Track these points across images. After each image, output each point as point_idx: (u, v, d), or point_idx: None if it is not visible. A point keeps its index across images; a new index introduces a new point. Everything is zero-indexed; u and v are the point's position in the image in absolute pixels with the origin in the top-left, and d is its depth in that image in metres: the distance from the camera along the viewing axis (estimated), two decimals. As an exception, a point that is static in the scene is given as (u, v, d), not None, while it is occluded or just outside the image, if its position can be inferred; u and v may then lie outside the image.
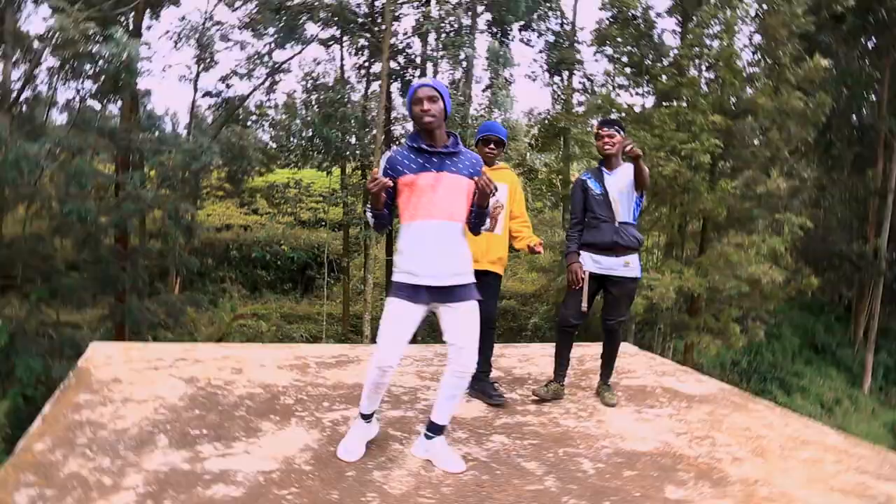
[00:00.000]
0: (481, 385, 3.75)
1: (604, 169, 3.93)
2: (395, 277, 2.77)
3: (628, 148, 3.58)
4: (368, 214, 2.84)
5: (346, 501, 2.44)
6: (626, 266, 3.85)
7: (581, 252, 3.89)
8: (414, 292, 2.71)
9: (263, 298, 20.28)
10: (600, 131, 3.89)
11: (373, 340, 13.02)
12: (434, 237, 2.72)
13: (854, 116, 20.72)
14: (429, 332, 17.36)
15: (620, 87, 15.95)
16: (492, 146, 3.77)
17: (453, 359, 2.78)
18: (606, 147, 3.86)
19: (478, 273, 3.47)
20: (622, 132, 3.93)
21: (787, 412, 4.23)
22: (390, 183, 2.69)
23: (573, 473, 2.91)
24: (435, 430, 2.88)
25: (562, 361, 3.96)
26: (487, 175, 2.73)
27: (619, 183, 3.85)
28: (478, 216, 2.85)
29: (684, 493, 2.81)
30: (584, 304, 3.84)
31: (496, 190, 2.81)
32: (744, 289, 12.14)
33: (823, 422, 4.53)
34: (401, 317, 2.72)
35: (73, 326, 11.56)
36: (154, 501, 2.26)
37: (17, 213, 12.66)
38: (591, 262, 3.85)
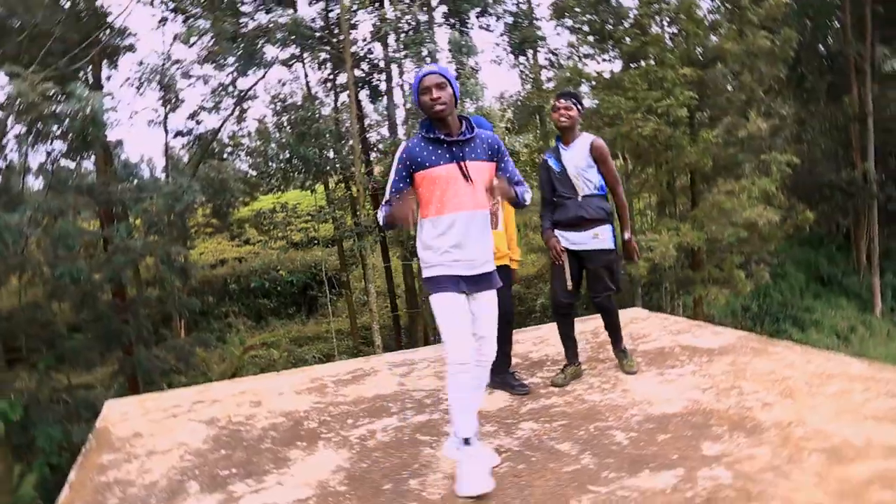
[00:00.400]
0: (503, 377, 3.73)
1: (560, 145, 3.87)
2: (433, 273, 2.67)
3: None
4: (381, 215, 2.72)
5: (388, 515, 2.41)
6: (596, 238, 3.79)
7: (556, 232, 3.86)
8: (455, 283, 2.64)
9: (270, 326, 20.23)
10: (557, 103, 3.82)
11: (385, 349, 12.98)
12: (466, 228, 2.64)
13: (821, 47, 20.74)
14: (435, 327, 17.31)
15: (586, 56, 15.93)
16: None
17: (477, 348, 2.71)
18: (562, 120, 3.78)
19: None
20: (580, 105, 3.87)
21: (808, 349, 4.23)
22: (413, 206, 2.59)
23: (608, 447, 2.89)
24: None
25: (569, 343, 3.94)
26: (501, 182, 2.69)
27: (576, 158, 3.80)
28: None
29: (721, 447, 2.79)
30: (569, 283, 3.80)
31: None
32: (742, 234, 12.15)
33: (842, 352, 4.53)
34: (456, 308, 2.63)
35: (86, 388, 11.50)
36: (195, 549, 2.23)
37: (10, 284, 12.57)
38: (564, 241, 3.82)
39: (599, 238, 3.80)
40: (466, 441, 2.62)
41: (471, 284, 2.69)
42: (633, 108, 12.07)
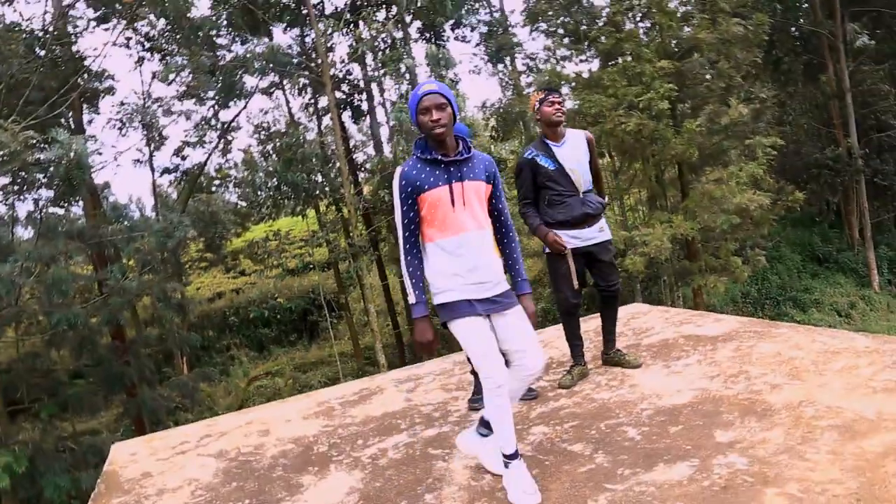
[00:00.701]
0: None
1: (550, 142, 3.76)
2: (446, 298, 2.59)
3: None
4: (405, 269, 2.67)
5: (405, 532, 2.38)
6: (602, 231, 3.83)
7: (556, 233, 3.75)
8: (470, 306, 2.57)
9: (273, 355, 20.13)
10: (550, 97, 3.72)
11: (389, 367, 12.90)
12: (471, 249, 2.57)
13: (794, 29, 20.97)
14: (442, 344, 17.28)
15: (564, 58, 16.05)
16: None
17: (520, 365, 2.63)
18: (558, 115, 3.71)
19: None
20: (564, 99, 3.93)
21: (811, 328, 4.23)
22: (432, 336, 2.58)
23: (621, 444, 2.87)
24: (490, 427, 2.74)
25: (576, 343, 3.92)
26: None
27: (573, 153, 3.75)
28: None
29: (734, 433, 2.78)
30: (575, 282, 3.76)
31: None
32: (734, 220, 12.18)
33: (845, 328, 4.53)
34: (478, 330, 2.56)
35: (92, 434, 11.41)
36: (213, 585, 2.19)
37: (6, 335, 12.48)
38: (569, 239, 3.75)
39: (604, 230, 3.84)
40: (513, 456, 2.60)
41: (489, 305, 2.61)
42: (615, 104, 12.14)
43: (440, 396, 4.06)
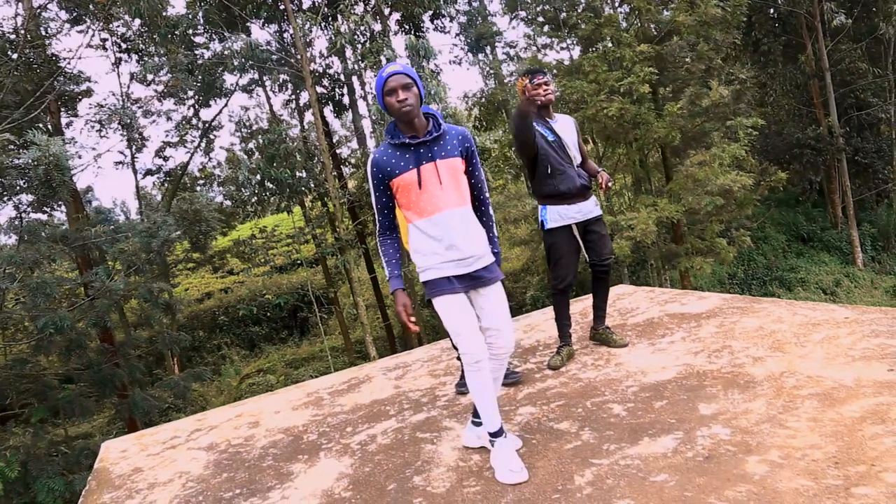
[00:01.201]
0: None
1: (546, 119, 3.85)
2: (428, 276, 2.63)
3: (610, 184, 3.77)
4: (382, 249, 2.74)
5: (395, 514, 2.41)
6: (597, 205, 3.91)
7: (556, 208, 3.79)
8: (450, 283, 2.61)
9: (264, 353, 20.10)
10: (535, 79, 3.74)
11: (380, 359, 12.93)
12: (447, 227, 2.59)
13: (772, 10, 21.08)
14: (429, 331, 17.31)
15: (545, 46, 16.05)
16: None
17: (492, 342, 2.69)
18: (549, 95, 3.76)
19: None
20: (552, 80, 3.97)
21: (792, 302, 4.29)
22: (413, 324, 2.59)
23: (606, 420, 2.91)
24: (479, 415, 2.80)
25: (565, 323, 3.95)
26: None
27: (566, 130, 3.86)
28: None
29: (717, 405, 2.83)
30: (584, 253, 3.86)
31: None
32: (718, 202, 12.28)
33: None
34: (458, 306, 2.59)
35: (84, 437, 11.35)
36: (205, 573, 2.21)
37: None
38: (574, 214, 3.78)
39: (597, 204, 3.91)
40: (497, 433, 2.64)
41: (468, 282, 2.65)
42: (596, 90, 12.17)
43: (428, 382, 4.08)
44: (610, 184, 3.81)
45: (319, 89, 16.27)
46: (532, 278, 20.20)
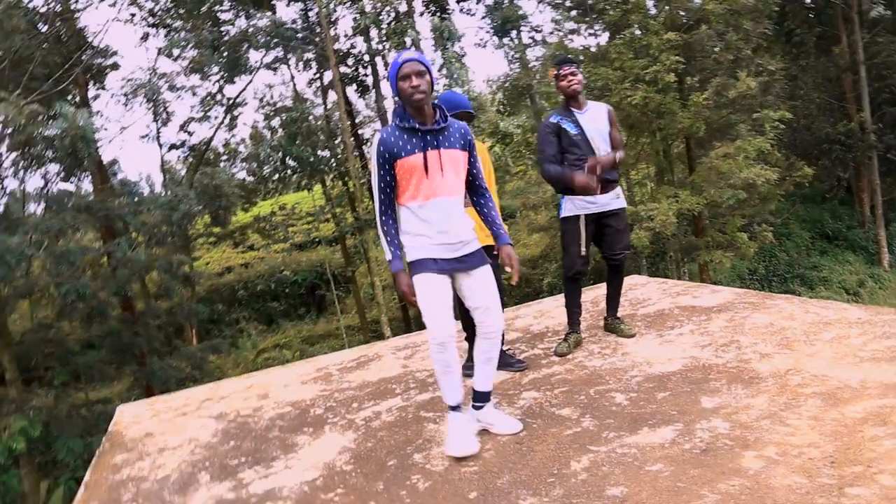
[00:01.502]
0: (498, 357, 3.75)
1: (574, 109, 3.85)
2: (411, 256, 2.75)
3: (618, 157, 3.75)
4: (381, 230, 2.80)
5: (392, 489, 2.47)
6: (618, 198, 3.90)
7: (571, 199, 3.83)
8: (434, 263, 2.71)
9: (281, 328, 20.38)
10: (561, 71, 3.80)
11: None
12: (439, 213, 2.69)
13: (807, 0, 20.53)
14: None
15: (572, 32, 15.83)
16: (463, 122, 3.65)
17: (480, 321, 2.78)
18: (574, 86, 3.78)
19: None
20: (580, 70, 3.92)
21: (806, 300, 4.25)
22: (413, 299, 2.68)
23: (608, 409, 2.93)
24: (481, 398, 2.88)
25: (575, 310, 3.98)
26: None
27: (595, 121, 3.81)
28: None
29: (720, 399, 2.84)
30: (584, 249, 3.84)
31: None
32: (741, 196, 12.10)
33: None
34: (434, 288, 2.69)
35: (104, 402, 11.65)
36: (208, 536, 2.29)
37: (22, 309, 12.72)
38: (586, 206, 3.82)
39: (620, 197, 3.90)
40: (453, 409, 2.77)
41: (455, 264, 2.74)
42: (621, 77, 12.01)
43: (436, 364, 4.14)
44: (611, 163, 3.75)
45: (343, 69, 16.27)
46: (550, 265, 20.13)
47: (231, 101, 17.78)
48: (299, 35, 15.21)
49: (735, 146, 12.29)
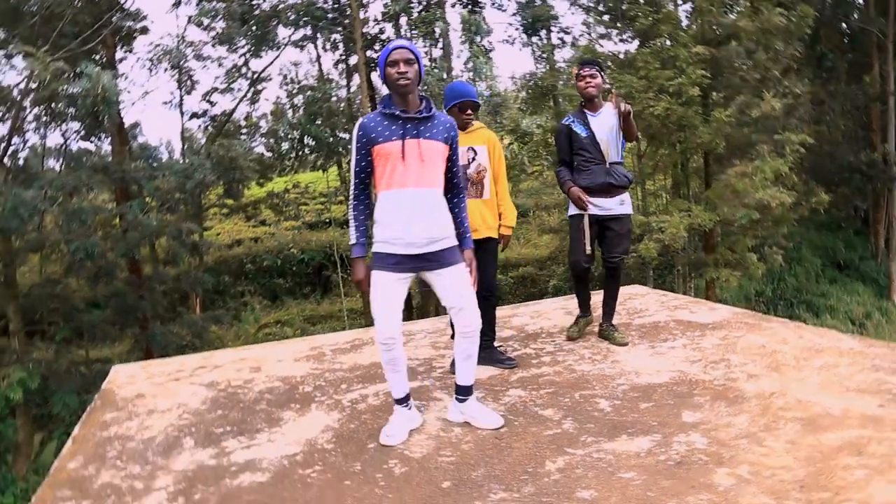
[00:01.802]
0: (488, 352, 3.75)
1: (587, 111, 3.93)
2: (375, 248, 2.75)
3: (623, 107, 3.69)
4: (352, 223, 2.84)
5: (369, 471, 2.52)
6: (622, 204, 3.94)
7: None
8: (394, 261, 2.69)
9: (285, 305, 20.51)
10: (581, 72, 3.87)
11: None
12: (409, 205, 2.67)
13: (844, 25, 20.24)
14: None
15: (602, 36, 15.73)
16: (469, 112, 3.62)
17: (456, 321, 2.80)
18: (589, 88, 3.85)
19: (479, 241, 3.53)
20: (602, 73, 3.94)
21: (801, 325, 4.26)
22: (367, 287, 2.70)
23: (590, 413, 2.97)
24: (462, 391, 2.92)
25: (584, 298, 4.19)
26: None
27: (606, 125, 3.87)
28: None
29: (701, 415, 2.86)
30: (588, 247, 3.93)
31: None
32: (754, 216, 12.01)
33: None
34: (386, 288, 2.70)
35: (103, 361, 11.82)
36: (185, 497, 2.36)
37: (32, 262, 12.91)
38: (591, 207, 3.88)
39: (625, 204, 3.95)
40: (398, 402, 2.86)
41: (419, 262, 2.72)
42: (645, 87, 11.94)
43: (428, 353, 4.19)
44: (622, 105, 3.74)
45: (369, 53, 16.28)
46: (557, 268, 20.11)
47: (256, 75, 17.86)
48: (329, 15, 15.24)
49: (753, 166, 12.19)
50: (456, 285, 2.76)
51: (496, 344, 3.93)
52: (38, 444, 9.75)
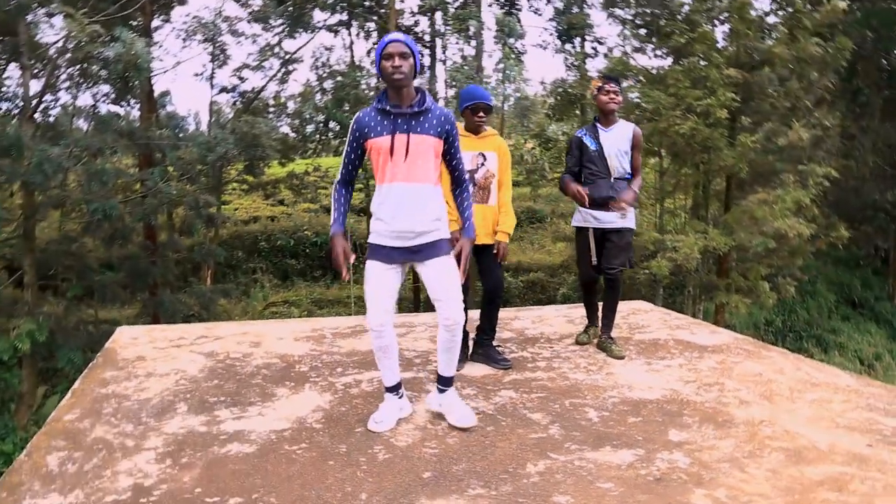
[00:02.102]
0: (485, 350, 3.80)
1: (599, 125, 4.00)
2: (370, 239, 2.82)
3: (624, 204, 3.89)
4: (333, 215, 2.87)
5: (354, 454, 2.57)
6: (623, 217, 3.97)
7: (580, 210, 4.03)
8: (386, 253, 2.76)
9: (294, 286, 20.67)
10: (607, 86, 3.91)
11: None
12: (397, 200, 2.72)
13: (883, 60, 19.93)
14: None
15: (636, 50, 15.65)
16: (481, 114, 3.65)
17: (439, 312, 2.82)
18: (612, 104, 3.92)
19: (480, 247, 3.59)
20: (622, 91, 4.02)
21: (801, 358, 4.24)
22: (344, 272, 2.74)
23: (578, 422, 2.99)
24: (443, 382, 2.95)
25: (592, 309, 4.31)
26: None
27: (616, 141, 3.95)
28: None
29: (687, 435, 2.88)
30: (594, 259, 4.03)
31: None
32: (770, 244, 11.91)
33: (864, 378, 4.50)
34: (378, 278, 2.76)
35: (111, 322, 12.02)
36: (172, 459, 2.42)
37: (52, 218, 13.13)
38: (592, 220, 3.99)
39: (626, 218, 3.99)
40: (388, 390, 2.92)
41: (409, 255, 2.77)
42: (673, 104, 11.88)
43: (426, 346, 4.23)
44: (624, 206, 3.87)
45: (402, 44, 16.31)
46: (568, 276, 20.06)
47: (288, 56, 17.97)
48: (366, 3, 15.31)
49: (775, 194, 12.09)
50: (441, 277, 2.79)
51: (494, 343, 3.97)
52: (40, 396, 9.95)
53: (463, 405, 2.99)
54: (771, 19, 14.21)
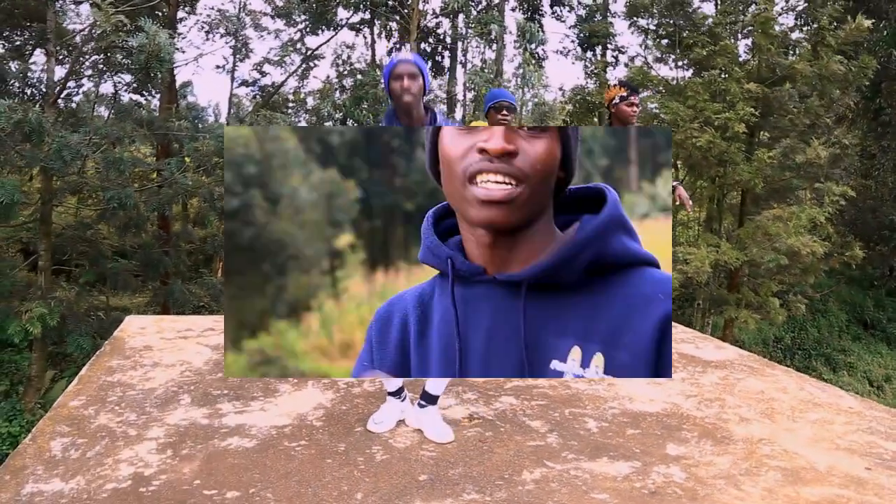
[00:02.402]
0: None
1: None
2: None
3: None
4: None
5: (352, 453, 2.60)
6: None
7: None
8: None
9: (305, 282, 20.76)
10: (632, 98, 3.84)
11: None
12: None
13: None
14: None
15: (657, 60, 15.61)
16: (504, 112, 3.71)
17: None
18: (634, 118, 3.88)
19: None
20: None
21: (804, 377, 4.22)
22: None
23: (576, 431, 3.00)
24: (426, 399, 2.86)
25: None
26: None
27: None
28: None
29: (685, 450, 2.88)
30: None
31: None
32: (782, 261, 11.83)
33: (873, 399, 4.46)
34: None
35: (121, 310, 12.15)
36: (173, 450, 2.47)
37: (69, 204, 13.30)
38: None
39: None
40: (391, 394, 2.91)
41: None
42: (691, 116, 11.84)
43: (429, 349, 4.25)
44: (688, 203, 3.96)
45: (424, 46, 16.40)
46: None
47: (309, 52, 18.10)
48: (389, 2, 15.37)
49: (790, 211, 12.01)
50: None
51: None
52: (48, 380, 10.08)
53: (441, 421, 2.89)
54: (795, 35, 14.15)
